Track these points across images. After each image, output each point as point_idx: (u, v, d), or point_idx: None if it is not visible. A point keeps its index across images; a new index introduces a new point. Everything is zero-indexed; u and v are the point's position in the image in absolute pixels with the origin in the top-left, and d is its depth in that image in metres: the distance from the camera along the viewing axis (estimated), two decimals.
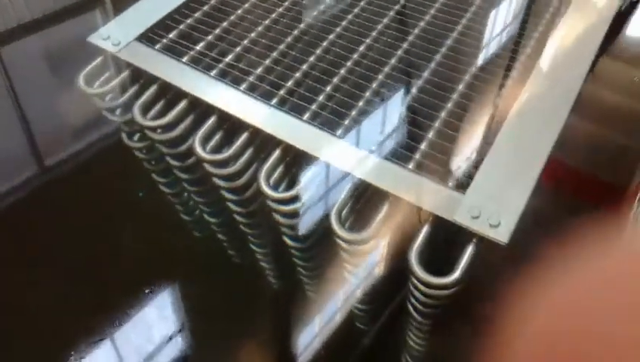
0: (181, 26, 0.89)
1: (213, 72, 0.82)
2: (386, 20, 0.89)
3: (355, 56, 0.85)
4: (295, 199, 0.72)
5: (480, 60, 0.83)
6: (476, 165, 0.69)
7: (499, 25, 0.95)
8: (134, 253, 0.82)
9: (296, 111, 0.78)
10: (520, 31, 0.92)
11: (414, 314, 0.73)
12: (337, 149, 0.73)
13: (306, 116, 0.77)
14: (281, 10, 0.93)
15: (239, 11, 0.92)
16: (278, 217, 0.76)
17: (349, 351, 0.80)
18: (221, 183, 0.78)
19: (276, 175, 0.75)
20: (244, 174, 0.77)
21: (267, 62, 0.84)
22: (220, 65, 0.83)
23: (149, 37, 0.87)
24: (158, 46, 0.86)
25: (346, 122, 0.76)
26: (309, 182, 0.73)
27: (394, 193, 0.68)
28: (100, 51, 0.86)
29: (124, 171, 0.89)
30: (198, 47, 0.86)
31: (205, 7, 0.92)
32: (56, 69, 1.14)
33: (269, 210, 0.75)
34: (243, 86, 0.81)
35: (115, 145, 0.92)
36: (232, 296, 0.79)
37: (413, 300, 0.71)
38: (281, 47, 0.86)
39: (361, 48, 0.86)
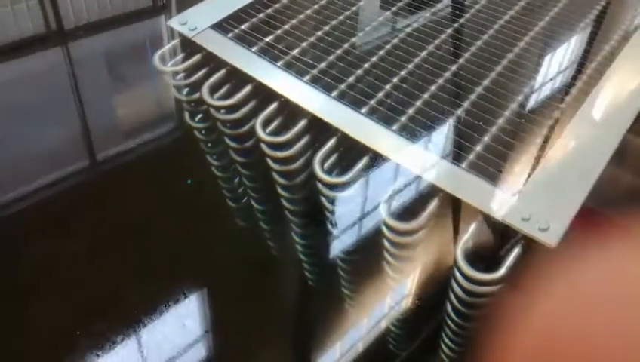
0: (253, 19, 0.94)
1: (280, 63, 0.87)
2: (452, 25, 0.92)
3: (417, 60, 0.87)
4: (346, 185, 0.75)
5: (539, 78, 0.84)
6: (529, 173, 0.70)
7: (559, 49, 0.96)
8: (178, 243, 0.83)
9: (355, 105, 0.81)
10: (580, 59, 0.93)
11: (453, 315, 0.73)
12: (392, 143, 0.76)
13: (364, 110, 0.80)
14: (348, 13, 0.97)
15: (309, 11, 0.96)
16: (326, 204, 0.78)
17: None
18: (275, 166, 0.82)
19: (330, 162, 0.77)
20: (299, 159, 0.80)
21: (331, 57, 0.87)
22: (286, 57, 0.87)
23: (222, 26, 0.92)
24: (230, 35, 0.91)
25: (403, 119, 0.79)
26: (361, 171, 0.76)
27: (446, 189, 0.70)
28: (175, 35, 0.92)
29: (173, 169, 0.91)
30: (267, 39, 0.90)
31: (277, 5, 0.97)
32: (116, 69, 1.21)
33: (317, 196, 0.77)
34: (306, 78, 0.84)
35: (167, 145, 0.96)
36: (267, 291, 0.80)
37: (453, 300, 0.71)
38: (346, 45, 0.90)
39: (424, 53, 0.88)
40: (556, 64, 0.92)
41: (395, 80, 0.84)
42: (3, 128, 1.01)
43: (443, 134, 0.77)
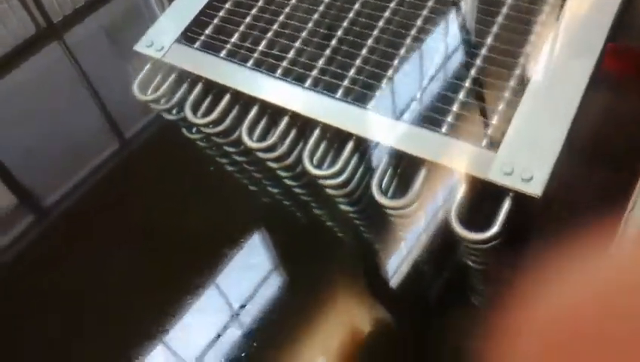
0: (215, 20, 0.94)
1: (250, 63, 0.88)
2: None
3: (381, 23, 0.87)
4: (339, 174, 0.78)
5: (503, 14, 0.82)
6: (504, 127, 0.71)
7: None
8: (215, 217, 0.94)
9: (330, 88, 0.83)
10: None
11: (470, 263, 0.79)
12: (371, 122, 0.78)
13: (339, 93, 0.81)
14: None
15: None
16: (328, 189, 0.83)
17: (418, 295, 0.88)
18: (272, 165, 0.86)
19: (319, 152, 0.81)
20: (291, 155, 0.84)
21: (297, 44, 0.88)
22: (255, 55, 0.89)
23: (187, 36, 0.94)
24: (197, 44, 0.92)
25: (378, 93, 0.80)
26: (350, 156, 0.79)
27: (427, 158, 0.73)
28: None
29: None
30: (233, 40, 0.91)
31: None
32: (117, 43, 1.26)
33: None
34: (278, 72, 0.86)
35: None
36: (303, 250, 0.92)
37: (465, 253, 0.76)
38: (309, 25, 0.90)
39: (386, 14, 0.87)
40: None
41: (363, 52, 0.84)
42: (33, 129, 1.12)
43: (416, 101, 0.78)
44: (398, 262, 0.87)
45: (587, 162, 0.84)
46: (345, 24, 0.88)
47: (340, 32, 0.88)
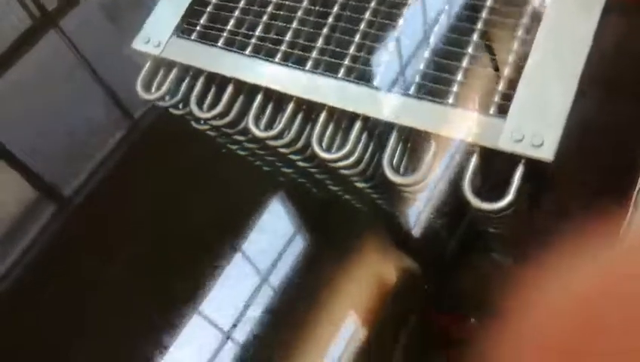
0: (208, 8, 0.93)
1: (249, 50, 0.87)
2: None
3: None
4: (348, 155, 0.79)
5: None
6: (511, 93, 0.70)
7: None
8: (232, 199, 0.99)
9: (331, 68, 0.82)
10: None
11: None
12: (375, 100, 0.77)
13: (341, 73, 0.81)
14: None
15: None
16: (340, 170, 0.83)
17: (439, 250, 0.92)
18: (283, 150, 0.86)
19: (328, 135, 0.81)
20: (300, 140, 0.84)
21: (294, 24, 0.86)
22: (253, 41, 0.88)
23: (184, 29, 0.93)
24: (194, 36, 0.91)
25: (380, 69, 0.79)
26: (358, 136, 0.79)
27: (434, 132, 0.72)
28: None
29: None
30: (229, 27, 0.90)
31: None
32: (117, 20, 1.26)
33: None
34: (278, 57, 0.85)
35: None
36: (322, 222, 0.99)
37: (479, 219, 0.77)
38: (304, 4, 0.88)
39: None
40: None
41: (362, 27, 0.83)
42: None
43: (419, 74, 0.77)
44: (414, 224, 0.90)
45: (601, 102, 0.83)
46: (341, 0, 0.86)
47: (336, 8, 0.86)
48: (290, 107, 0.83)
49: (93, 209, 1.08)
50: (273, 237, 0.98)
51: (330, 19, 0.85)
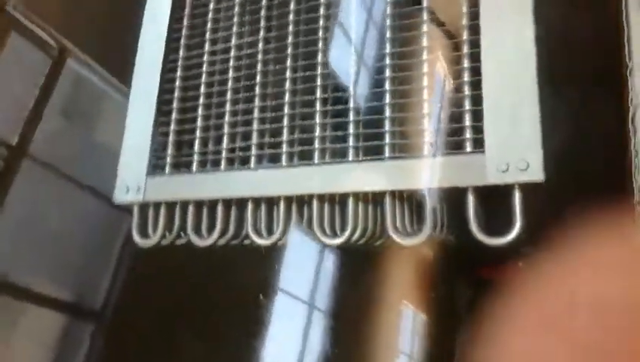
0: (170, 138, 0.95)
1: (222, 165, 0.89)
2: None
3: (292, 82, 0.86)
4: (351, 235, 0.80)
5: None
6: (480, 128, 0.71)
7: None
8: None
9: (305, 156, 0.83)
10: None
11: None
12: (360, 173, 0.79)
13: (316, 157, 0.82)
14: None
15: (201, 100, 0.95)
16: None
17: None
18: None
19: (326, 220, 0.82)
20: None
21: (255, 127, 0.88)
22: (224, 155, 0.89)
23: (155, 165, 0.94)
24: (167, 169, 0.93)
25: (352, 143, 0.80)
26: (354, 214, 0.80)
27: (422, 187, 0.73)
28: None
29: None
30: (196, 150, 0.92)
31: (174, 104, 0.96)
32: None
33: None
34: (252, 162, 0.86)
35: None
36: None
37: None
38: (257, 103, 0.89)
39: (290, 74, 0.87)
40: None
41: (318, 108, 0.84)
42: None
43: (387, 134, 0.78)
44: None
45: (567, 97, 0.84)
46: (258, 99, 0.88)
47: (287, 98, 0.87)
48: (282, 207, 0.84)
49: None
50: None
51: (287, 110, 0.86)
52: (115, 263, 1.28)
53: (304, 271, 0.99)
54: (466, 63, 0.75)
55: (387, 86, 0.80)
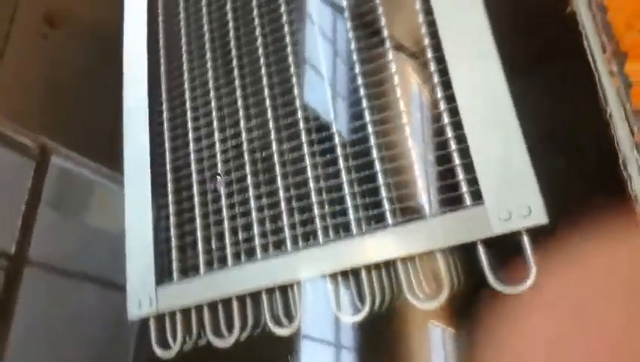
0: (173, 243, 0.95)
1: (230, 261, 0.88)
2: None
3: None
4: (372, 306, 0.79)
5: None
6: (476, 180, 0.71)
7: None
8: None
9: (307, 239, 0.83)
10: None
11: None
12: (357, 248, 0.78)
13: (320, 237, 0.82)
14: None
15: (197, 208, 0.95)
16: None
17: None
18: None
19: (344, 300, 0.81)
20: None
21: (255, 216, 0.88)
22: (229, 251, 0.89)
23: (163, 273, 0.94)
24: (176, 276, 0.93)
25: (350, 216, 0.80)
26: (370, 285, 0.79)
27: (429, 250, 0.73)
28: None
29: None
30: (201, 251, 0.92)
31: (171, 209, 0.96)
32: None
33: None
34: (259, 254, 0.86)
35: None
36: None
37: None
38: (251, 192, 0.90)
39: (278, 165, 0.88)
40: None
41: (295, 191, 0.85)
42: None
43: (386, 200, 0.79)
44: None
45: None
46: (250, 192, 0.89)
47: (281, 186, 0.88)
48: (296, 293, 0.83)
49: None
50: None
51: (282, 193, 0.87)
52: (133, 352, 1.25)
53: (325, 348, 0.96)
54: (446, 119, 0.76)
55: (375, 154, 0.80)
